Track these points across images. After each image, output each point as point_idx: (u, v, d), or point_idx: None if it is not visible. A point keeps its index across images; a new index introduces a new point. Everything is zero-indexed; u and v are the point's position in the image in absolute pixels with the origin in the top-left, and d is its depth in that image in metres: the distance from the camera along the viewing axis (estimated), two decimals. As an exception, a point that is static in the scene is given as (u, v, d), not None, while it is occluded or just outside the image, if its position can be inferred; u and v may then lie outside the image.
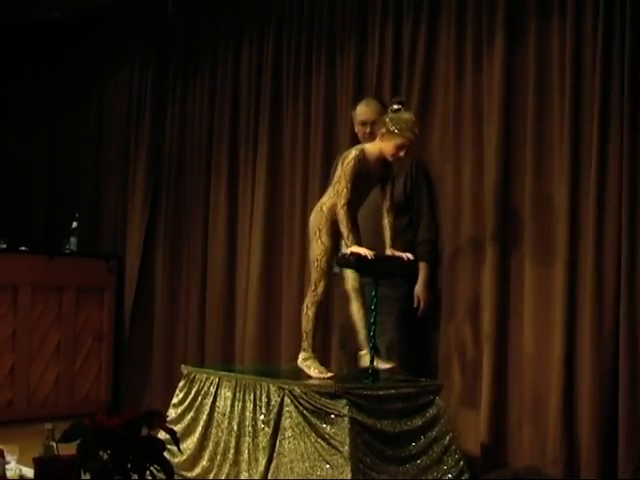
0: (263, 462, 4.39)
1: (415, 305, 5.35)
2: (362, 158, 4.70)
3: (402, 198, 5.31)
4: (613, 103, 4.82)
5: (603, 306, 4.78)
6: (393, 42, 5.86)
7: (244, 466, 4.51)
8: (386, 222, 4.88)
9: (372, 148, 4.78)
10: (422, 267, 5.35)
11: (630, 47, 4.75)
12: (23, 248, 7.26)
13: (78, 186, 8.16)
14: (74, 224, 7.70)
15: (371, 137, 5.04)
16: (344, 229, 4.64)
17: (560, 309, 4.94)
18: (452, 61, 5.56)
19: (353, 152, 4.72)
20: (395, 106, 4.77)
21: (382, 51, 5.92)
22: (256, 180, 6.63)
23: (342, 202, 4.66)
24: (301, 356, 4.78)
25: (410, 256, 4.85)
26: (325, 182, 6.05)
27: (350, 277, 4.86)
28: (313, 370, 4.69)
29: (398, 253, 4.84)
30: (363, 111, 5.38)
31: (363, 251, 4.62)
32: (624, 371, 4.68)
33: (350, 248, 4.63)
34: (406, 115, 4.76)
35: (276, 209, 6.52)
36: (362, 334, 4.80)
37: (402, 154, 4.74)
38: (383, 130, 4.74)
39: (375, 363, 4.68)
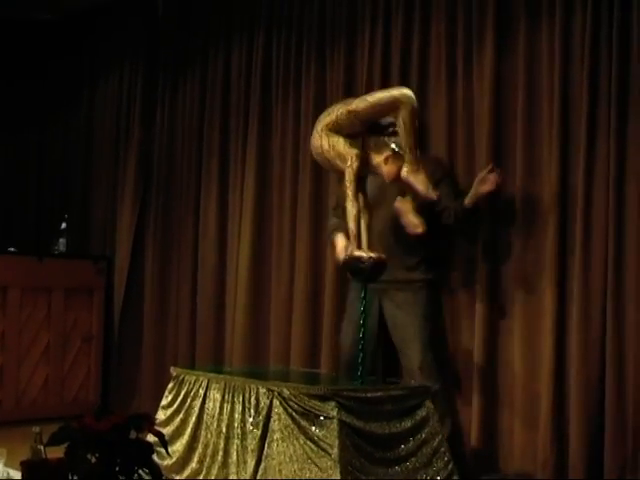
0: (252, 464, 4.38)
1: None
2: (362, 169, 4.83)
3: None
4: (601, 106, 4.84)
5: (590, 313, 4.81)
6: (383, 44, 5.86)
7: (233, 468, 4.50)
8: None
9: (376, 165, 4.89)
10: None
11: (617, 52, 4.77)
12: (12, 249, 7.25)
13: (67, 187, 8.16)
14: (63, 225, 7.69)
15: None
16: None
17: (549, 316, 4.95)
18: (443, 63, 5.56)
19: (357, 163, 4.77)
20: (392, 128, 4.81)
21: (371, 52, 5.92)
22: (245, 181, 6.63)
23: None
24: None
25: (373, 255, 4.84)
26: (315, 183, 6.09)
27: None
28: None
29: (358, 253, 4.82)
30: None
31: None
32: (610, 377, 4.71)
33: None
34: None
35: (265, 210, 6.52)
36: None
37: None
38: (389, 153, 4.80)
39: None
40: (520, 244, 5.16)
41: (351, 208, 4.69)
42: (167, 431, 4.81)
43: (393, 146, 4.79)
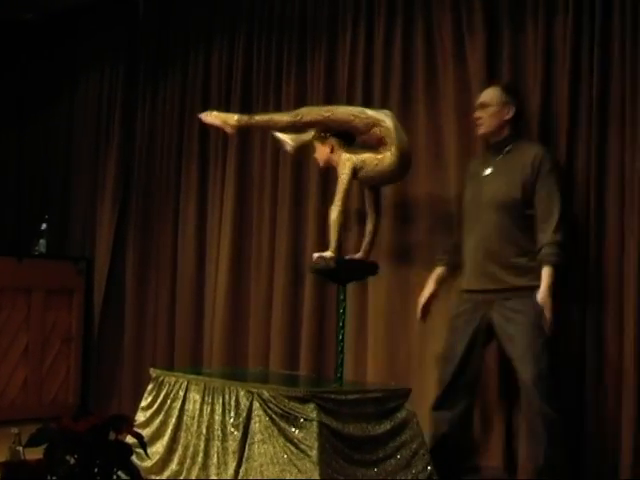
0: (232, 466, 4.38)
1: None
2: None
3: (519, 195, 4.67)
4: (582, 106, 4.90)
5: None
6: (364, 45, 5.88)
7: (213, 470, 4.50)
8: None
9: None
10: (545, 272, 4.53)
11: (598, 55, 4.82)
12: (-9, 250, 7.22)
13: (47, 188, 8.12)
14: (43, 226, 7.66)
15: (481, 122, 4.84)
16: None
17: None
18: (426, 64, 5.59)
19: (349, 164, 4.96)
20: None
21: (353, 54, 5.94)
22: (225, 183, 6.63)
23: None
24: None
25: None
26: (295, 182, 6.09)
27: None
28: None
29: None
30: (483, 93, 4.92)
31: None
32: (589, 377, 4.77)
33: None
34: None
35: (245, 211, 6.51)
36: None
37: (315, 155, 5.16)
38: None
39: None
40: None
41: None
42: (146, 432, 4.80)
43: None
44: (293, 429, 4.26)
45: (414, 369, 5.49)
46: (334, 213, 4.91)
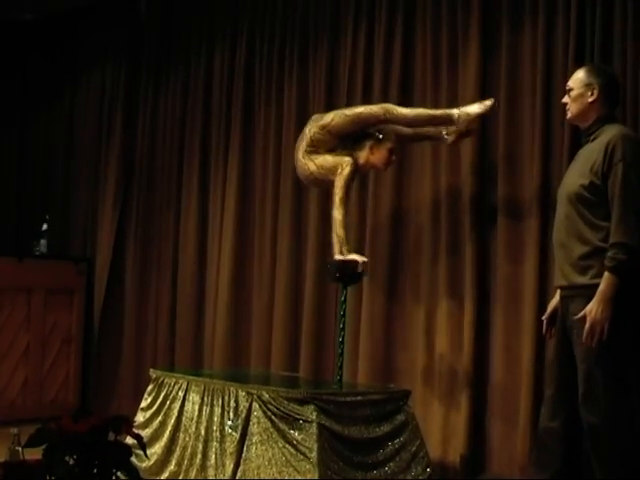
0: (230, 467, 4.38)
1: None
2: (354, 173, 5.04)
3: (586, 183, 4.02)
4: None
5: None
6: (365, 44, 5.90)
7: (211, 471, 4.50)
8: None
9: (364, 162, 5.09)
10: (603, 278, 3.93)
11: (599, 53, 4.80)
12: (-8, 250, 7.22)
13: (48, 188, 8.12)
14: (44, 226, 7.66)
15: (567, 107, 4.25)
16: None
17: (530, 321, 4.96)
18: (427, 64, 5.60)
19: (348, 168, 4.97)
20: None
21: (354, 53, 5.95)
22: (227, 183, 6.63)
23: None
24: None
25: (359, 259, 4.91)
26: (297, 182, 6.08)
27: None
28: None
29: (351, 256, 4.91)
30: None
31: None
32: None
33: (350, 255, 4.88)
34: None
35: (247, 212, 6.52)
36: None
37: (394, 158, 5.11)
38: (371, 142, 5.04)
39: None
40: (504, 245, 5.18)
41: (337, 215, 4.79)
42: (146, 433, 4.81)
43: (377, 134, 5.05)
44: (292, 431, 4.26)
45: (416, 371, 5.50)
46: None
